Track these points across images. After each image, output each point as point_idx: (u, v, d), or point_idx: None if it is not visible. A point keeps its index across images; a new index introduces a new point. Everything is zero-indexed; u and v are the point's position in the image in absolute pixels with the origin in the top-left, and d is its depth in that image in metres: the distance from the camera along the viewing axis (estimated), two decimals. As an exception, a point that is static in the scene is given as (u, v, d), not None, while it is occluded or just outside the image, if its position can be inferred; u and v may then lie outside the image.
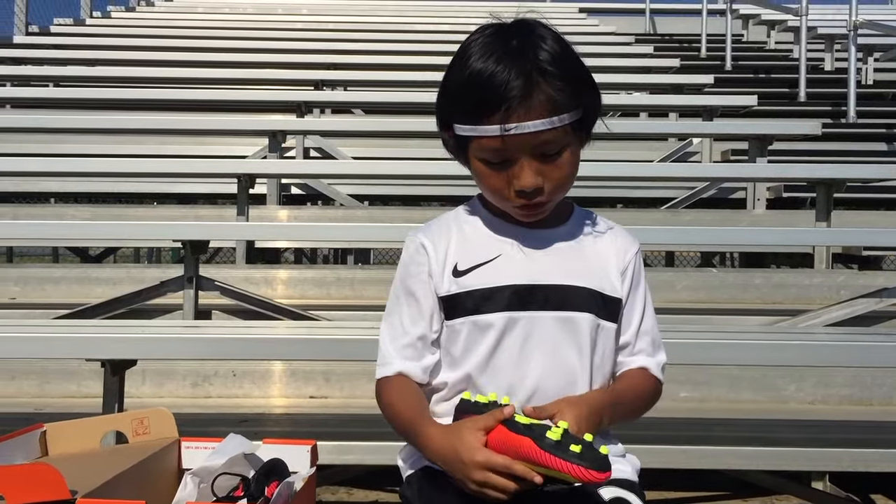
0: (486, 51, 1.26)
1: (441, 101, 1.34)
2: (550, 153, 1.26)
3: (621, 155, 5.42)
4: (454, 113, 1.29)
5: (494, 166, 1.27)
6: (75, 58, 7.13)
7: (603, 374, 1.33)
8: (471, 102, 1.26)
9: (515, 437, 1.16)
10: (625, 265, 1.36)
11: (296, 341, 2.39)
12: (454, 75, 1.30)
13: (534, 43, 1.27)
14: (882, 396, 3.13)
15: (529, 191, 1.26)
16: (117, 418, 1.58)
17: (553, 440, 1.13)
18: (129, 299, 3.41)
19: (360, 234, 3.82)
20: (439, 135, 1.36)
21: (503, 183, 1.28)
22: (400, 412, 1.32)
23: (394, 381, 1.34)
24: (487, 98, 1.24)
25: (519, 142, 1.24)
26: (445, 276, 1.32)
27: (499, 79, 1.23)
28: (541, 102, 1.23)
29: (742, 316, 3.57)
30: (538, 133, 1.24)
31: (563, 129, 1.26)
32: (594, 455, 1.13)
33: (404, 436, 1.33)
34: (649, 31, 10.17)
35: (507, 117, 1.23)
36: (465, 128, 1.27)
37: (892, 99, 7.65)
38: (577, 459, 1.12)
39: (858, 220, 4.64)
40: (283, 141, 5.02)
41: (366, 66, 6.90)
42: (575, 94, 1.27)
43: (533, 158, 1.25)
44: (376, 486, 3.03)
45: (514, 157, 1.26)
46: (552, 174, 1.27)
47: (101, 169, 4.66)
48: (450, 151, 1.37)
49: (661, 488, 2.95)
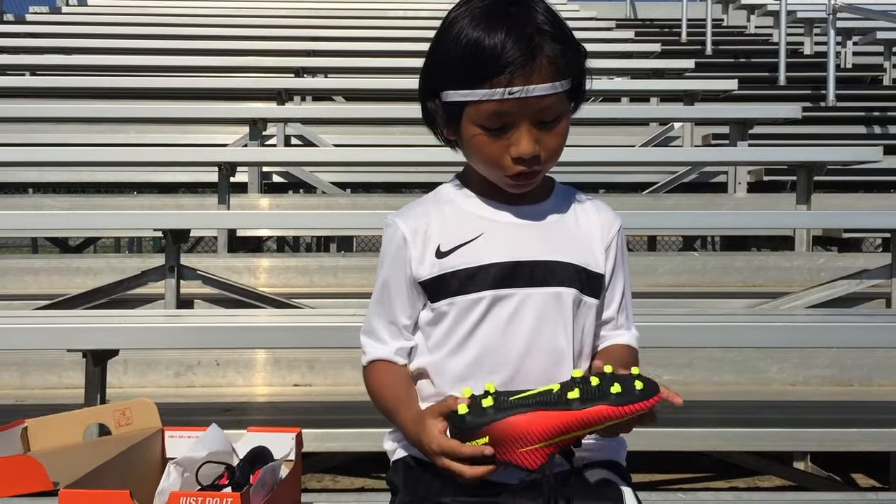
0: (483, 16, 1.25)
1: (430, 70, 1.31)
2: (549, 120, 1.26)
3: (603, 140, 5.43)
4: (449, 81, 1.27)
5: (492, 133, 1.25)
6: (52, 46, 7.05)
7: (585, 349, 1.33)
8: (471, 67, 1.24)
9: (555, 414, 1.14)
10: (609, 241, 1.35)
11: (279, 329, 2.38)
12: (448, 43, 1.27)
13: (530, 8, 1.26)
14: (862, 377, 3.16)
15: (528, 157, 1.25)
16: (99, 411, 1.57)
17: (592, 389, 1.14)
18: (110, 289, 3.39)
19: (343, 221, 3.81)
20: (422, 105, 1.33)
21: (500, 151, 1.26)
22: (384, 398, 1.32)
23: (377, 367, 1.34)
24: (490, 62, 1.22)
25: (521, 106, 1.23)
26: (427, 259, 1.30)
27: (502, 42, 1.22)
28: (544, 66, 1.23)
29: (724, 299, 3.59)
30: (541, 98, 1.23)
31: (562, 96, 1.26)
32: (632, 384, 1.15)
33: (391, 422, 1.33)
34: (630, 16, 10.18)
35: (511, 80, 1.22)
36: (463, 93, 1.25)
37: (870, 82, 7.70)
38: (639, 396, 1.14)
39: (838, 203, 4.67)
40: (263, 129, 4.99)
41: (346, 53, 6.86)
42: (572, 60, 1.27)
43: (532, 125, 1.25)
44: (362, 472, 3.04)
45: (513, 123, 1.24)
46: (549, 142, 1.27)
47: (79, 158, 4.61)
48: (431, 125, 1.35)
49: (646, 470, 2.98)
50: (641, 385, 1.16)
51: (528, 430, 1.15)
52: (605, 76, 6.49)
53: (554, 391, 1.16)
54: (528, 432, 1.14)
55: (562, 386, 1.17)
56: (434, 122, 1.34)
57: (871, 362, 3.15)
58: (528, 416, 1.15)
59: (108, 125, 5.49)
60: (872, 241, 5.73)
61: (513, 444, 1.15)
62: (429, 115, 1.34)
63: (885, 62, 7.52)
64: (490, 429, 1.15)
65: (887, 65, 7.50)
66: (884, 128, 6.17)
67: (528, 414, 1.15)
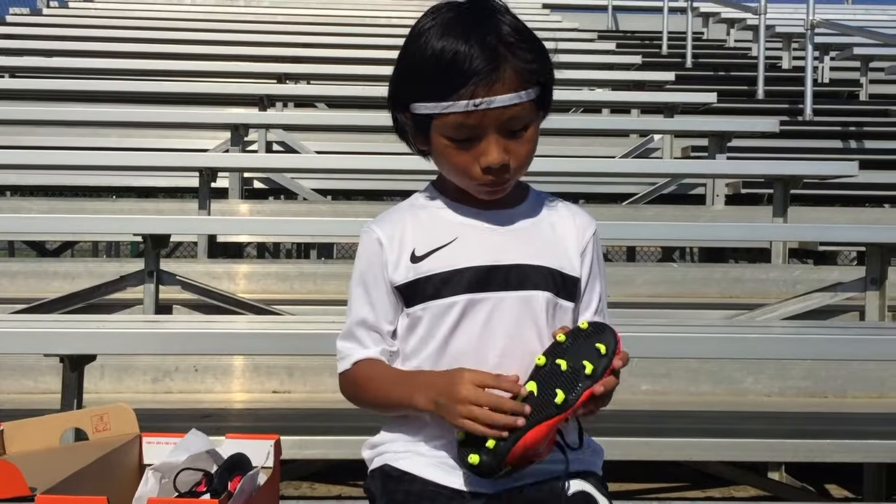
0: (448, 28, 1.25)
1: (397, 83, 1.32)
2: (516, 129, 1.26)
3: (583, 151, 5.48)
4: (414, 92, 1.28)
5: (460, 144, 1.26)
6: (32, 48, 7.01)
7: None
8: (435, 79, 1.24)
9: (553, 421, 1.19)
10: (584, 244, 1.36)
11: (258, 336, 2.38)
12: (414, 54, 1.28)
13: (494, 18, 1.27)
14: (836, 389, 3.20)
15: (497, 167, 1.26)
16: (76, 415, 1.56)
17: (568, 376, 1.19)
18: (88, 294, 3.37)
19: (323, 228, 3.81)
20: (393, 117, 1.35)
21: (469, 161, 1.27)
22: (380, 384, 1.31)
23: (363, 365, 1.33)
24: (454, 74, 1.23)
25: (486, 117, 1.24)
26: (402, 265, 1.31)
27: (465, 53, 1.22)
28: (508, 76, 1.23)
29: (702, 310, 3.62)
30: (506, 108, 1.24)
31: (528, 105, 1.26)
32: (594, 347, 1.21)
33: (389, 403, 1.31)
34: (611, 28, 10.24)
35: (475, 92, 1.22)
36: (428, 105, 1.26)
37: (847, 97, 7.79)
38: (608, 356, 1.20)
39: (814, 216, 4.73)
40: (245, 134, 4.98)
41: (329, 60, 6.86)
42: (538, 67, 1.27)
43: (500, 135, 1.25)
44: (340, 480, 3.03)
45: (480, 133, 1.25)
46: (518, 150, 1.27)
47: (59, 162, 4.59)
48: (402, 135, 1.36)
49: (622, 480, 2.99)
50: (603, 347, 1.21)
51: (535, 444, 1.18)
52: (587, 87, 6.55)
53: (536, 395, 1.19)
54: (535, 445, 1.18)
55: (538, 384, 1.20)
56: (405, 133, 1.35)
57: (846, 374, 3.19)
58: (531, 434, 1.18)
59: (88, 128, 5.45)
60: (847, 254, 5.80)
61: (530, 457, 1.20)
62: (400, 127, 1.35)
63: (862, 77, 7.62)
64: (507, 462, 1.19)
65: (864, 80, 7.60)
66: (860, 142, 6.25)
67: (530, 434, 1.18)
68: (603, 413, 1.42)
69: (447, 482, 1.27)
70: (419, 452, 1.30)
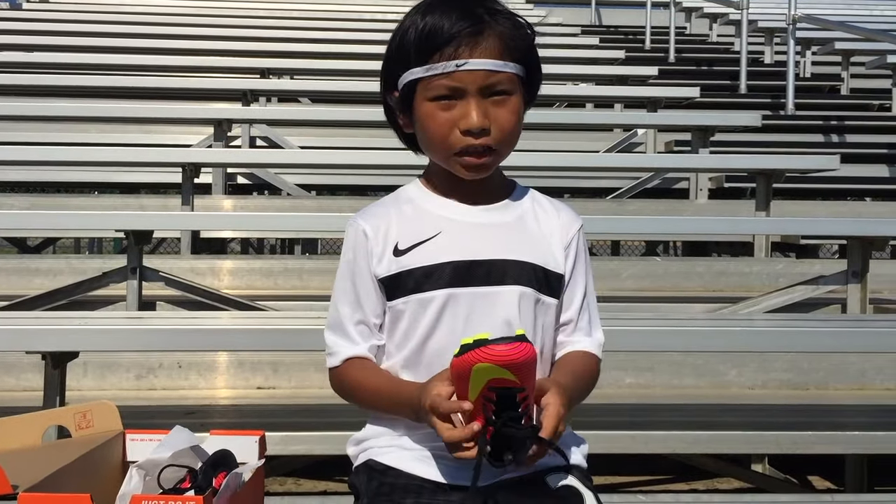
0: (433, 6, 1.30)
1: (387, 63, 1.35)
2: (498, 91, 1.28)
3: (567, 145, 5.48)
4: (402, 64, 1.31)
5: (442, 107, 1.28)
6: (12, 43, 6.93)
7: (546, 349, 1.33)
8: (421, 46, 1.28)
9: None
10: (568, 241, 1.36)
11: (243, 332, 2.36)
12: (402, 31, 1.32)
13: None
14: (818, 381, 3.22)
15: (476, 130, 1.27)
16: (59, 412, 1.55)
17: None
18: (70, 290, 3.34)
19: (308, 223, 3.80)
20: (384, 104, 1.37)
21: (449, 125, 1.28)
22: (370, 388, 1.31)
23: (353, 364, 1.33)
24: (438, 36, 1.26)
25: (469, 79, 1.26)
26: (386, 258, 1.31)
27: (450, 19, 1.27)
28: (492, 42, 1.28)
29: (685, 303, 3.64)
30: (490, 73, 1.27)
31: (511, 76, 1.29)
32: None
33: (379, 408, 1.32)
34: (595, 23, 10.25)
35: (458, 53, 1.26)
36: (415, 71, 1.28)
37: (829, 92, 7.84)
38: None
39: (796, 210, 4.76)
40: (228, 130, 4.95)
41: (312, 55, 6.83)
42: (522, 45, 1.30)
43: (481, 98, 1.27)
44: (324, 476, 3.03)
45: (462, 95, 1.27)
46: (499, 117, 1.29)
47: (40, 157, 4.54)
48: (392, 122, 1.37)
49: (607, 473, 3.01)
50: None
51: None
52: (571, 82, 6.56)
53: None
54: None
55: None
56: (395, 121, 1.36)
57: (827, 366, 3.21)
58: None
59: (69, 124, 5.41)
60: (829, 247, 5.84)
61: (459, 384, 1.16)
62: (390, 114, 1.37)
63: (843, 72, 7.67)
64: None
65: (845, 75, 7.65)
66: (841, 136, 6.29)
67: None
68: (587, 406, 1.43)
69: (432, 476, 1.28)
70: (403, 447, 1.30)
